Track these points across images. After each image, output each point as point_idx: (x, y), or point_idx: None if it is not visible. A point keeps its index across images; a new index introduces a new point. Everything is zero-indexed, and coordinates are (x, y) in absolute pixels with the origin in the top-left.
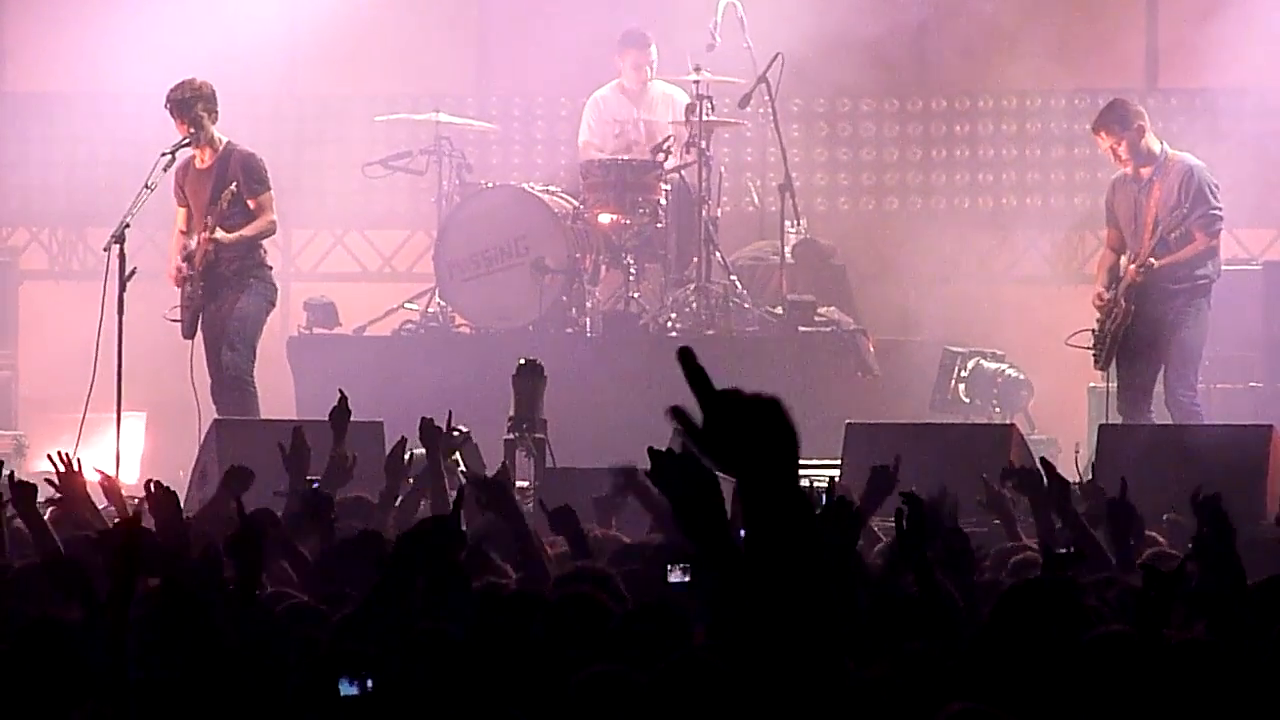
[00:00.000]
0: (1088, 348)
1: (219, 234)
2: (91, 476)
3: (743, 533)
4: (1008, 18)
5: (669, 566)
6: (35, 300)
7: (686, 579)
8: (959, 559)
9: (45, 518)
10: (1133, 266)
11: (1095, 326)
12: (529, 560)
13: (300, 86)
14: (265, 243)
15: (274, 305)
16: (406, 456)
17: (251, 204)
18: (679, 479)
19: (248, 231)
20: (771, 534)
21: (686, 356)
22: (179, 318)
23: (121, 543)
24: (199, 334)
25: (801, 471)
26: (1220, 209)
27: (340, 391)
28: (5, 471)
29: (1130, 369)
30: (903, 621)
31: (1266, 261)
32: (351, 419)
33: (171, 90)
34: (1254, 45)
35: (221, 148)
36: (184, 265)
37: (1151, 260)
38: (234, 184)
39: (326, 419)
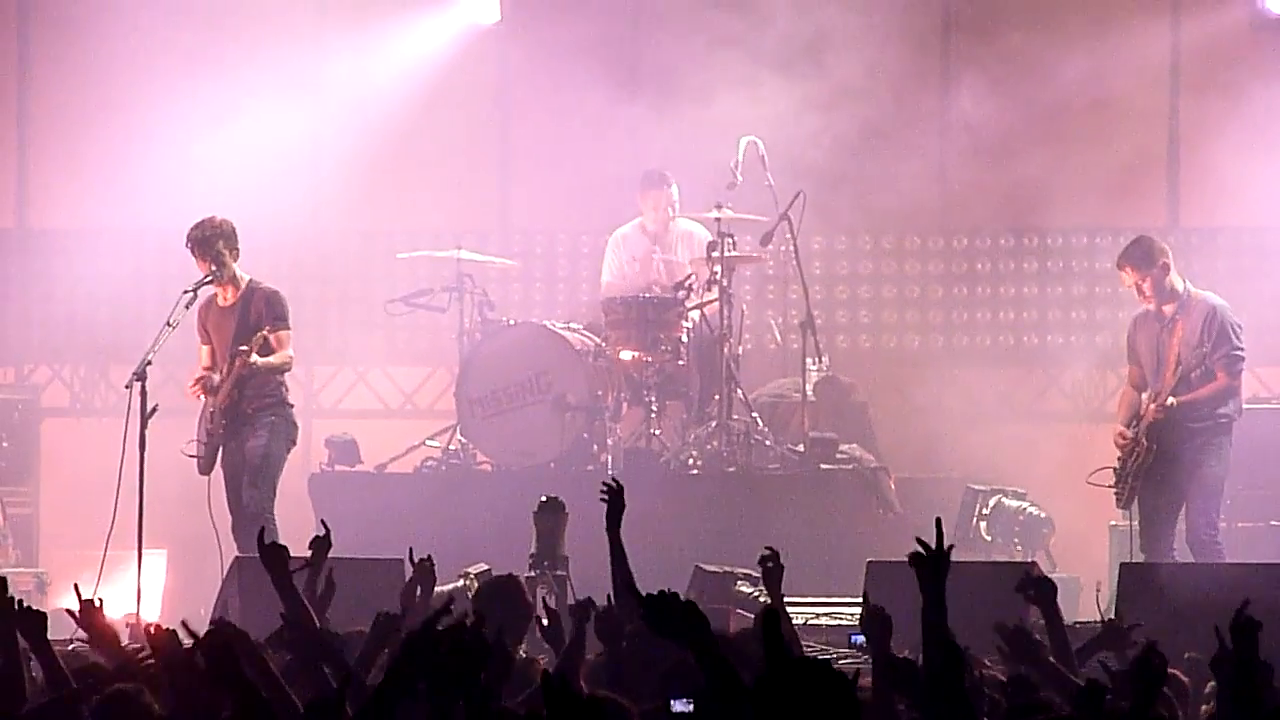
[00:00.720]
0: (1109, 486)
1: (253, 357)
2: (114, 614)
3: None
4: (1029, 156)
5: (672, 699)
6: (57, 437)
7: (690, 709)
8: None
9: (73, 649)
10: (1153, 405)
11: (1116, 464)
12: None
13: (322, 223)
14: (287, 379)
15: (295, 443)
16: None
17: (273, 339)
18: (669, 621)
19: (272, 362)
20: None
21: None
22: (196, 453)
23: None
24: (217, 470)
25: (824, 610)
26: (1242, 349)
27: (323, 523)
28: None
29: (1152, 507)
30: None
31: None
32: (373, 557)
33: (192, 228)
34: (1275, 184)
35: (244, 285)
36: (208, 399)
37: (1172, 399)
38: (266, 327)
39: (347, 556)
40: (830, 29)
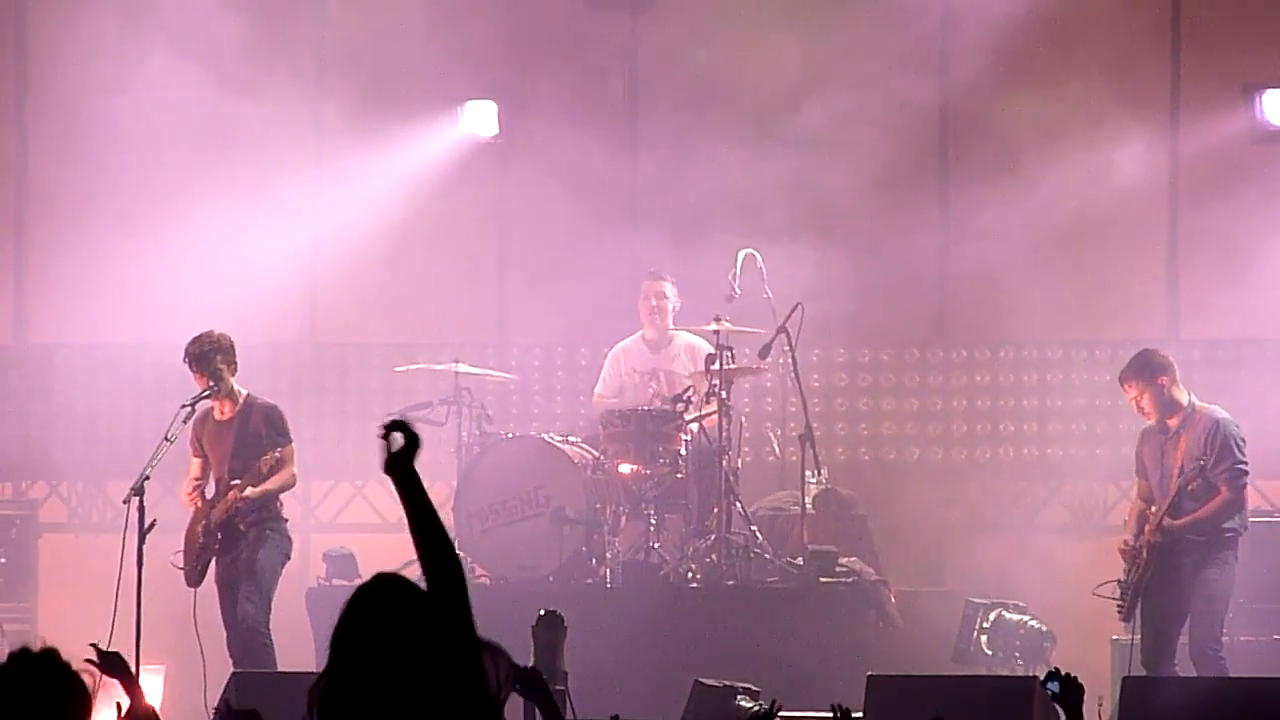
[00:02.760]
0: (1113, 598)
1: (247, 491)
2: None
3: None
4: (1028, 268)
5: None
6: (54, 553)
7: None
8: None
9: None
10: (1149, 525)
11: (1121, 576)
12: None
13: (320, 336)
14: (284, 494)
15: (289, 558)
16: None
17: (277, 453)
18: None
19: (271, 485)
20: None
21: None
22: (183, 565)
23: None
24: (207, 583)
25: None
26: (1245, 463)
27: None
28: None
29: (1153, 621)
30: None
31: None
32: None
33: (190, 344)
34: (1275, 296)
35: (242, 400)
36: (201, 523)
37: (1170, 521)
38: (277, 450)
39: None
40: (828, 141)
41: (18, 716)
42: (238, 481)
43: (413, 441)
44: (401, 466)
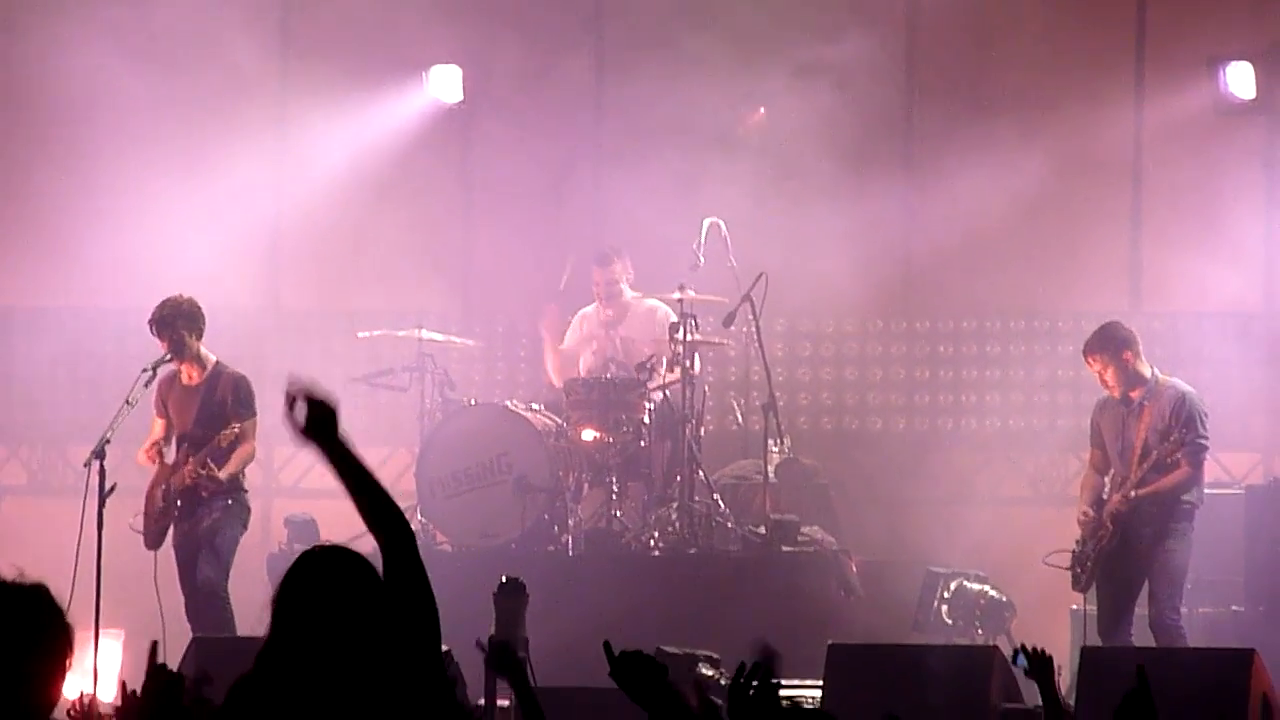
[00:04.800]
0: (1065, 568)
1: (211, 472)
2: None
3: None
4: (992, 240)
5: None
6: (14, 517)
7: None
8: None
9: None
10: (1117, 495)
11: (1075, 547)
12: None
13: (283, 302)
14: None
15: (247, 527)
16: None
17: (236, 428)
18: (635, 677)
19: (232, 468)
20: None
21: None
22: (143, 528)
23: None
24: (167, 549)
25: (784, 693)
26: (1207, 438)
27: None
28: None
29: (1111, 591)
30: None
31: (1248, 486)
32: None
33: (155, 308)
34: (1236, 270)
35: (210, 367)
36: (161, 487)
37: (1134, 492)
38: (236, 425)
39: None
40: (793, 112)
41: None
42: (194, 456)
43: (327, 409)
44: (321, 434)
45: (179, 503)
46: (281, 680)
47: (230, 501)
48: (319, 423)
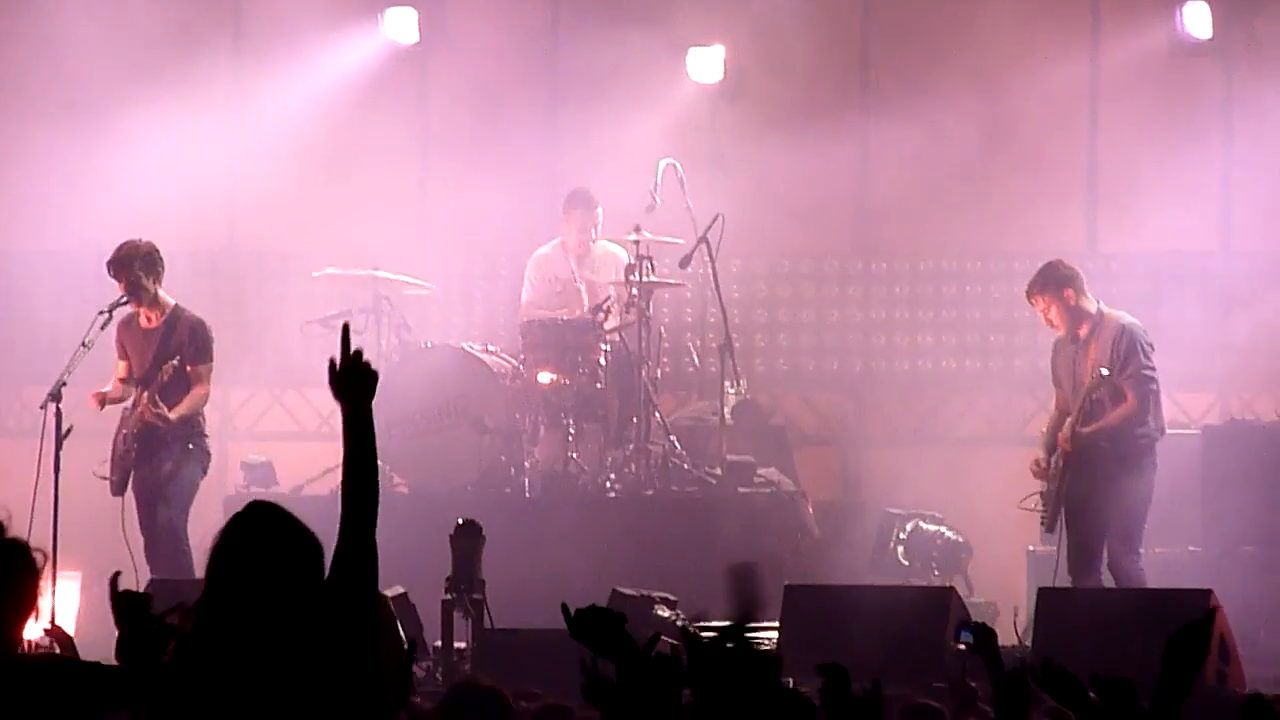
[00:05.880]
0: (1037, 509)
1: (161, 412)
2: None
3: None
4: (948, 181)
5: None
6: None
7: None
8: None
9: None
10: (1063, 434)
11: (1043, 487)
12: None
13: (239, 243)
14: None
15: (207, 472)
16: None
17: (190, 370)
18: (595, 632)
19: (184, 410)
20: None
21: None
22: (108, 475)
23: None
24: (129, 493)
25: (740, 634)
26: (1152, 367)
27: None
28: None
29: (1074, 532)
30: None
31: (1205, 426)
32: None
33: (113, 250)
34: (1193, 210)
35: (169, 310)
36: (122, 432)
37: (1080, 429)
38: (177, 357)
39: None
40: (749, 54)
41: None
42: (159, 410)
43: (371, 374)
44: (355, 396)
45: (137, 446)
46: (216, 635)
47: (190, 445)
48: (359, 385)
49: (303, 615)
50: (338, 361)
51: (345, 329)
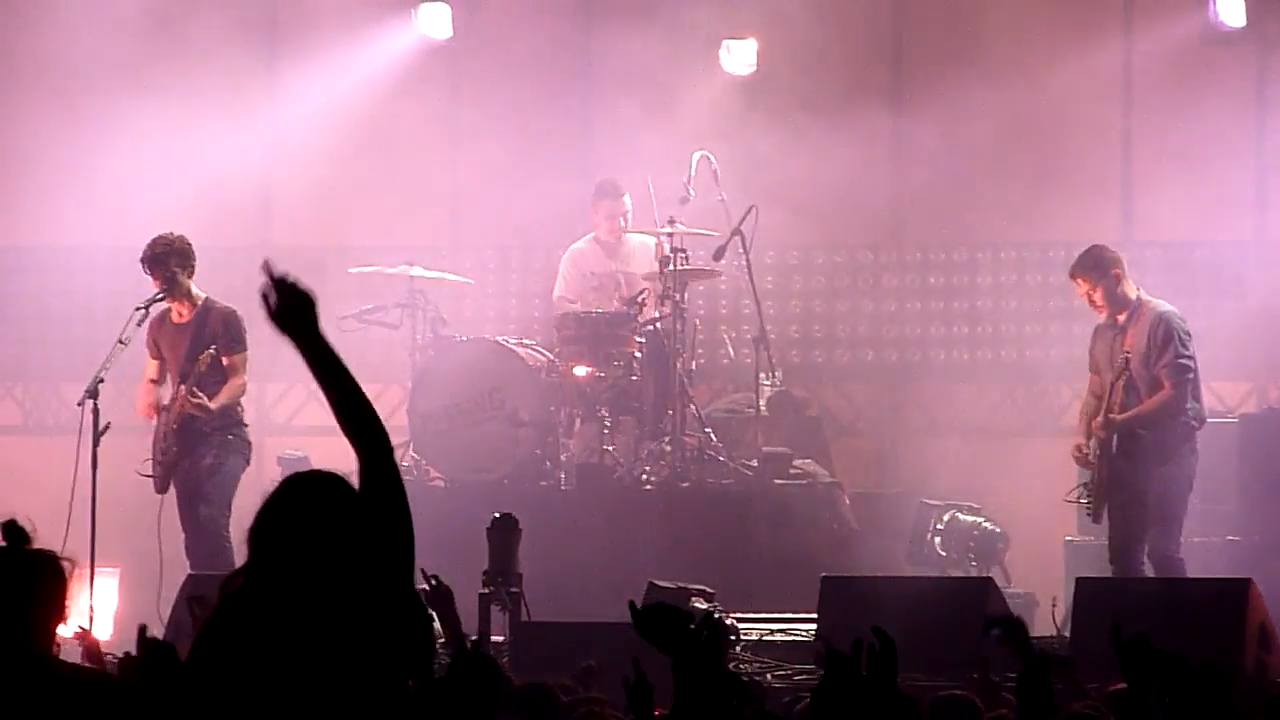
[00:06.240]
0: (1083, 501)
1: (202, 401)
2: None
3: None
4: (983, 170)
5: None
6: (7, 456)
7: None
8: None
9: None
10: (1098, 421)
11: (1088, 479)
12: None
13: (275, 239)
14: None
15: (249, 463)
16: None
17: (225, 361)
18: (661, 629)
19: (224, 399)
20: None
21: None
22: (151, 473)
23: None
24: (171, 490)
25: (778, 626)
26: (1189, 356)
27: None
28: None
29: (1117, 521)
30: None
31: (1243, 415)
32: None
33: (147, 246)
34: (1228, 198)
35: (200, 303)
36: (160, 418)
37: (1113, 415)
38: (213, 346)
39: None
40: (782, 45)
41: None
42: (198, 398)
43: (303, 296)
44: (296, 324)
45: (176, 442)
46: (258, 604)
47: (230, 436)
48: (293, 310)
49: (349, 581)
50: (271, 298)
51: (265, 264)
